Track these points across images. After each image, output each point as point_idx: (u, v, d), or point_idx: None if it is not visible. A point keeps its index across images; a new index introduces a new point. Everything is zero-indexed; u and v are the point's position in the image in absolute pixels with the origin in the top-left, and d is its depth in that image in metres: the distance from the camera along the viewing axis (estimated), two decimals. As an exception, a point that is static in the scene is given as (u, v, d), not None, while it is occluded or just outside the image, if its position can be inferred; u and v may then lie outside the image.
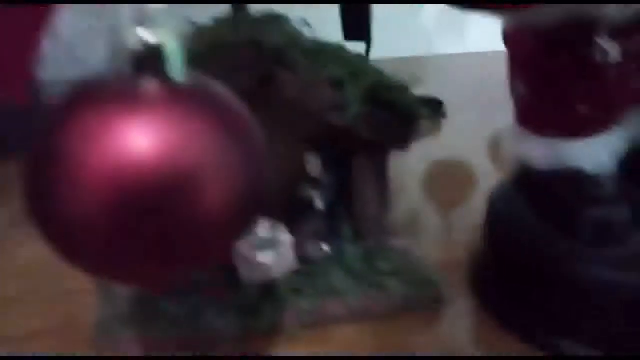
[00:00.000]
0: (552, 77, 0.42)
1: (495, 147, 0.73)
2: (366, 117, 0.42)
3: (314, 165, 0.47)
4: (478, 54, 0.98)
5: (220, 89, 0.27)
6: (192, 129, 0.24)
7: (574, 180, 0.43)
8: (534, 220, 0.44)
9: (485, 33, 0.80)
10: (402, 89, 0.43)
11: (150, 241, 0.24)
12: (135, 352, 0.42)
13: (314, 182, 0.47)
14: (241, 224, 0.27)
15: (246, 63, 0.39)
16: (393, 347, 0.43)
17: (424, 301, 0.46)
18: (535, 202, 0.44)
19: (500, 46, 0.48)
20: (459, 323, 0.46)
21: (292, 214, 0.48)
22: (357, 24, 0.47)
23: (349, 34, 0.47)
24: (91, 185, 0.23)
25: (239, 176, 0.26)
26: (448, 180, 0.70)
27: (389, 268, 0.47)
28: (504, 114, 0.49)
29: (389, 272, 0.47)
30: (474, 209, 0.57)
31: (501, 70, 0.48)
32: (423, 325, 0.45)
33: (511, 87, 0.46)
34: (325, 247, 0.48)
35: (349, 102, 0.41)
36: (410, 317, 0.45)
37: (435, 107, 0.82)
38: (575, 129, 0.42)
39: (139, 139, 0.23)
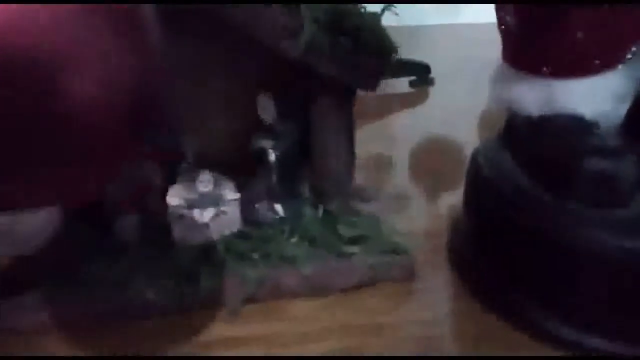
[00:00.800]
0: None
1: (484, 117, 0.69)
2: (326, 48, 0.36)
3: (266, 109, 0.40)
4: (468, 25, 0.97)
5: None
6: None
7: (570, 128, 0.37)
8: (522, 179, 0.37)
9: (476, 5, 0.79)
10: (370, 15, 0.36)
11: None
12: (44, 324, 0.36)
13: (267, 130, 0.41)
14: (124, 126, 0.21)
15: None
16: (356, 326, 0.37)
17: (394, 273, 0.40)
18: (524, 156, 0.38)
19: (490, 18, 0.43)
20: (431, 299, 0.40)
21: (241, 167, 0.41)
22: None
23: None
24: None
25: (116, 66, 0.20)
26: (435, 151, 0.65)
27: (354, 234, 0.41)
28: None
29: (353, 240, 0.41)
30: (460, 180, 0.53)
31: (491, 41, 0.44)
32: (391, 300, 0.40)
33: (498, 19, 0.40)
34: (279, 208, 0.42)
35: (303, 26, 0.34)
36: (377, 291, 0.40)
37: (421, 72, 0.78)
38: (572, 64, 0.36)
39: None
